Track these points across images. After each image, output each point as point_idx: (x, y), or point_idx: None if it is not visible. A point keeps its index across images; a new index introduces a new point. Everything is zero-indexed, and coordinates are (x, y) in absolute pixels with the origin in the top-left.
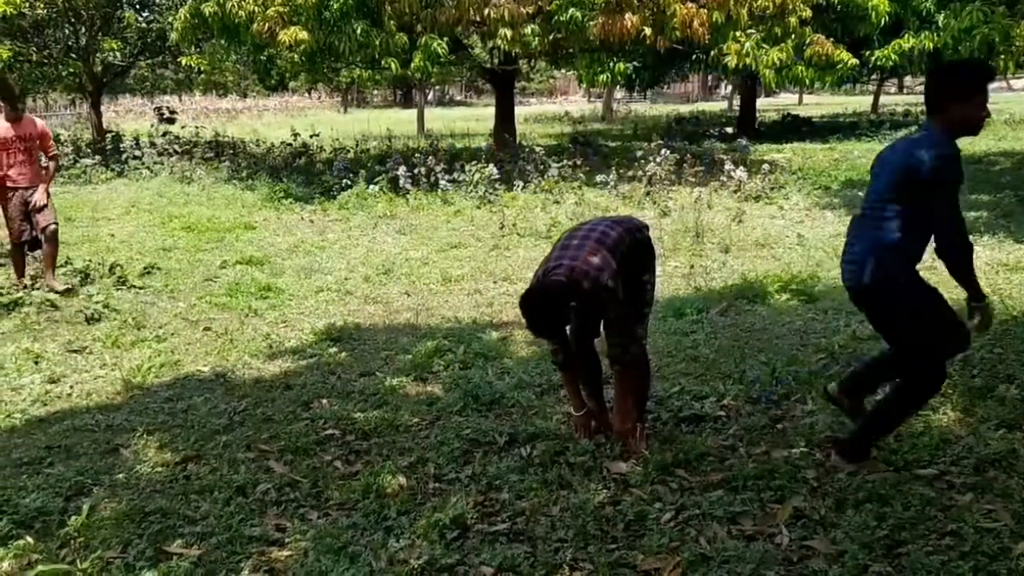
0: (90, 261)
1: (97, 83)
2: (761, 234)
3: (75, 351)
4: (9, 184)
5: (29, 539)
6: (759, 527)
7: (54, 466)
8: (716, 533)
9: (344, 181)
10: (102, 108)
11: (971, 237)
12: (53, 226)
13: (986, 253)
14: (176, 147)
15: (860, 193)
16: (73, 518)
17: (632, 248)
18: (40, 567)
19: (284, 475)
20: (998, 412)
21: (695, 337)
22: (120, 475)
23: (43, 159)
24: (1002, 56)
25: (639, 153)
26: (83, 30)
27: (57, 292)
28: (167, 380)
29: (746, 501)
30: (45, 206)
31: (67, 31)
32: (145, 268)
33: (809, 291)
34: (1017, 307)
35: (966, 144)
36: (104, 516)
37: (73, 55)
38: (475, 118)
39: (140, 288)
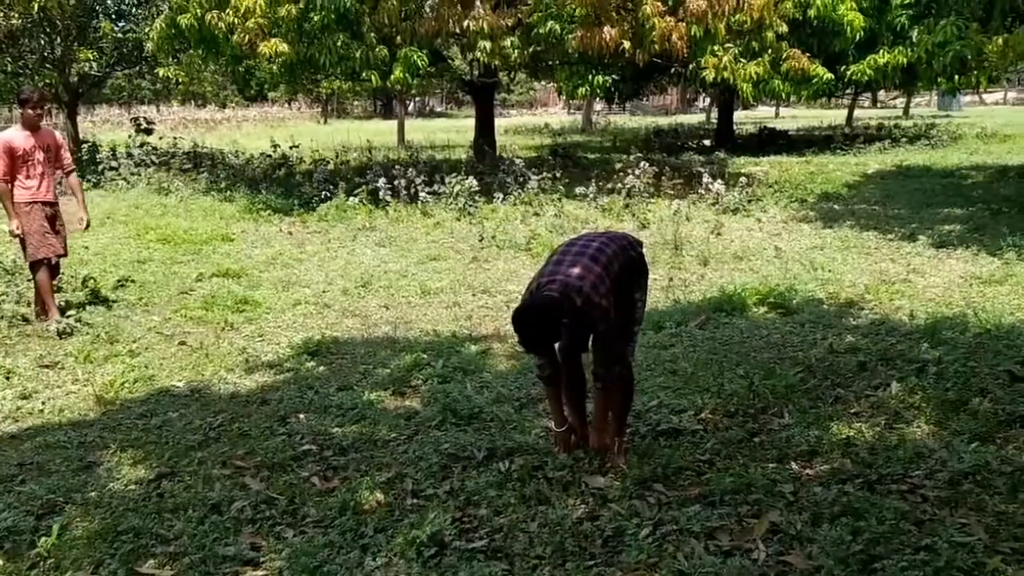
0: (63, 274)
1: (73, 93)
2: (739, 246)
3: (47, 366)
4: (39, 199)
5: (0, 560)
6: (736, 542)
7: (26, 484)
8: (694, 549)
9: (323, 193)
10: (78, 118)
11: (945, 251)
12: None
13: (960, 267)
14: (153, 158)
15: (836, 206)
16: (44, 538)
17: (626, 266)
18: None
19: (260, 492)
20: (971, 425)
21: (674, 350)
22: (93, 493)
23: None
24: (975, 71)
25: (618, 165)
26: (58, 40)
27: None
28: (141, 395)
29: (723, 516)
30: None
31: (42, 41)
32: (119, 281)
33: (786, 304)
34: (991, 321)
35: (938, 158)
36: (76, 535)
37: (48, 65)
38: (455, 129)
39: (114, 302)
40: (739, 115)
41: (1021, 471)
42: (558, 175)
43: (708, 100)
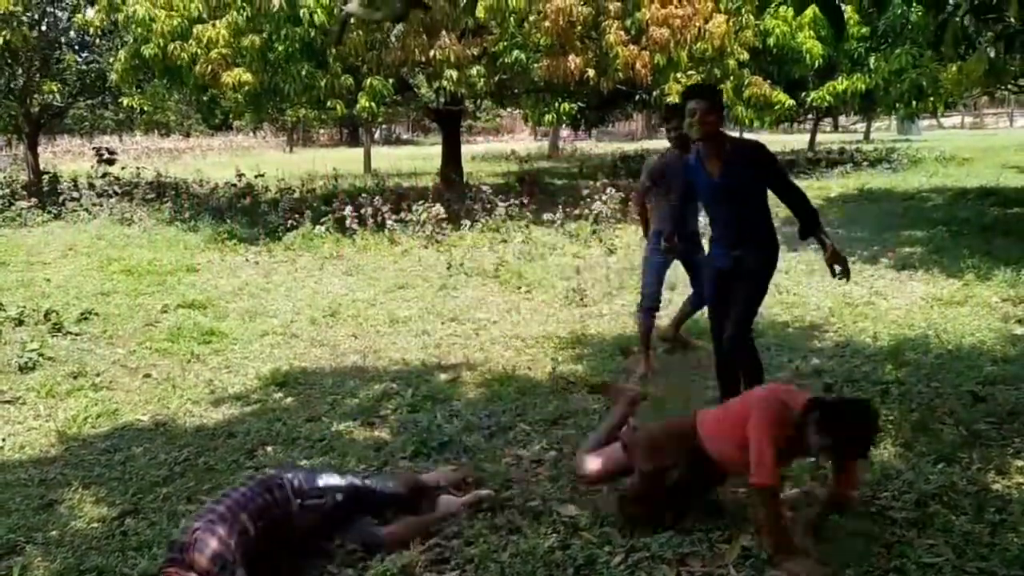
0: (24, 307)
1: (34, 124)
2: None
3: (7, 402)
4: None
5: None
6: (708, 568)
7: None
8: (665, 575)
9: (290, 222)
10: (39, 149)
11: (907, 272)
12: None
13: (921, 288)
14: (116, 188)
15: (795, 229)
16: None
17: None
18: None
19: None
20: (936, 447)
21: (642, 376)
22: (54, 532)
23: None
24: (931, 98)
25: (585, 191)
26: (20, 71)
27: None
28: (105, 430)
29: (695, 541)
30: None
31: (5, 72)
32: (82, 314)
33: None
34: (952, 342)
35: (899, 181)
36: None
37: (10, 97)
38: (422, 157)
39: (77, 335)
40: None
41: (986, 491)
42: (525, 202)
43: None
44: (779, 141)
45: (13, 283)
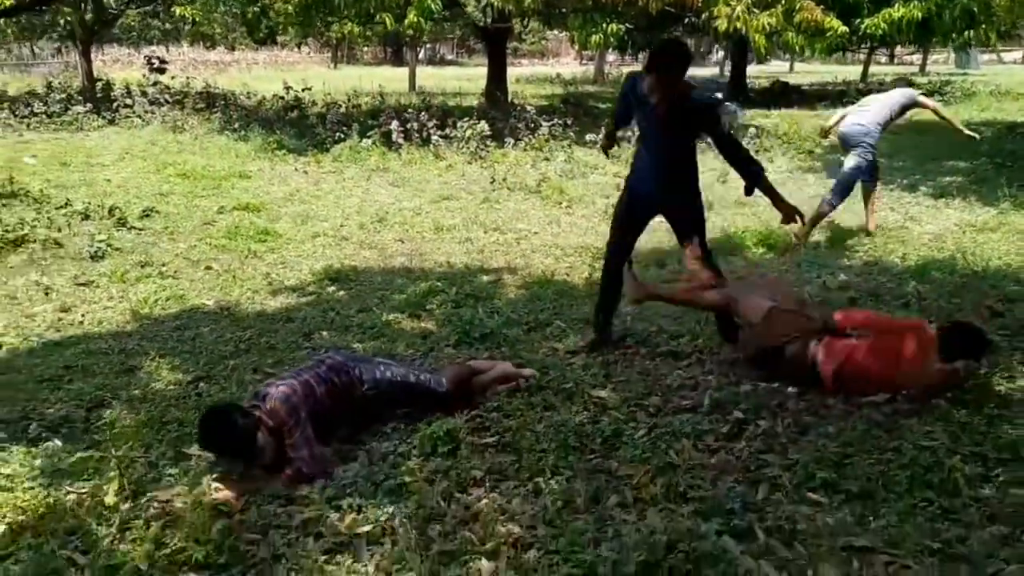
0: (89, 203)
1: (87, 31)
2: (743, 193)
3: (83, 284)
4: None
5: (58, 442)
6: (722, 443)
7: (73, 383)
8: (684, 447)
9: (337, 134)
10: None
11: (944, 200)
12: None
13: (956, 215)
14: (167, 97)
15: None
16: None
17: None
18: (80, 454)
19: None
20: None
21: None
22: (136, 391)
23: None
24: (983, 26)
25: None
26: None
27: None
28: (174, 312)
29: (712, 421)
30: None
31: None
32: (144, 211)
33: (786, 246)
34: (978, 263)
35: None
36: (125, 424)
37: (65, 3)
38: (467, 78)
39: (140, 230)
40: (753, 69)
41: (989, 390)
42: (569, 122)
43: (722, 53)
44: (831, 72)
45: (76, 182)
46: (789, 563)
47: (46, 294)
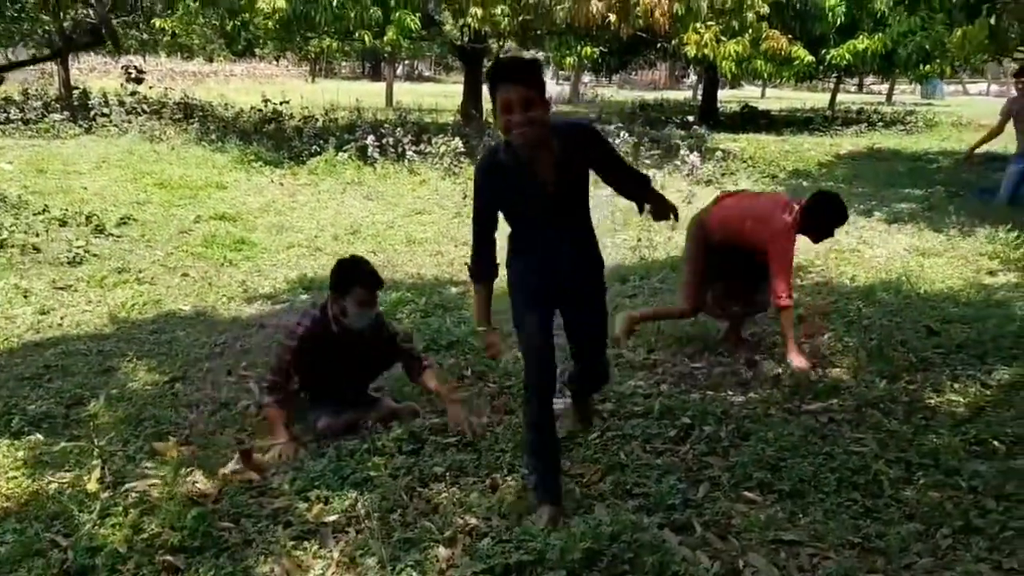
0: (67, 210)
1: (66, 40)
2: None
3: (61, 289)
4: None
5: (39, 435)
6: (669, 446)
7: (53, 381)
8: (633, 449)
9: (314, 148)
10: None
11: (896, 226)
12: None
13: (905, 240)
14: (145, 107)
15: (804, 183)
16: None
17: None
18: (63, 444)
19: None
20: (885, 368)
21: (635, 300)
22: (114, 390)
23: None
24: (937, 60)
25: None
26: None
27: None
28: (151, 316)
29: (661, 426)
30: None
31: None
32: (121, 219)
33: None
34: (921, 285)
35: (910, 143)
36: (104, 420)
37: (44, 11)
38: (444, 94)
39: (118, 236)
40: (725, 94)
41: (918, 401)
42: None
43: (695, 77)
44: (801, 98)
45: (53, 188)
46: (722, 553)
47: (25, 297)
